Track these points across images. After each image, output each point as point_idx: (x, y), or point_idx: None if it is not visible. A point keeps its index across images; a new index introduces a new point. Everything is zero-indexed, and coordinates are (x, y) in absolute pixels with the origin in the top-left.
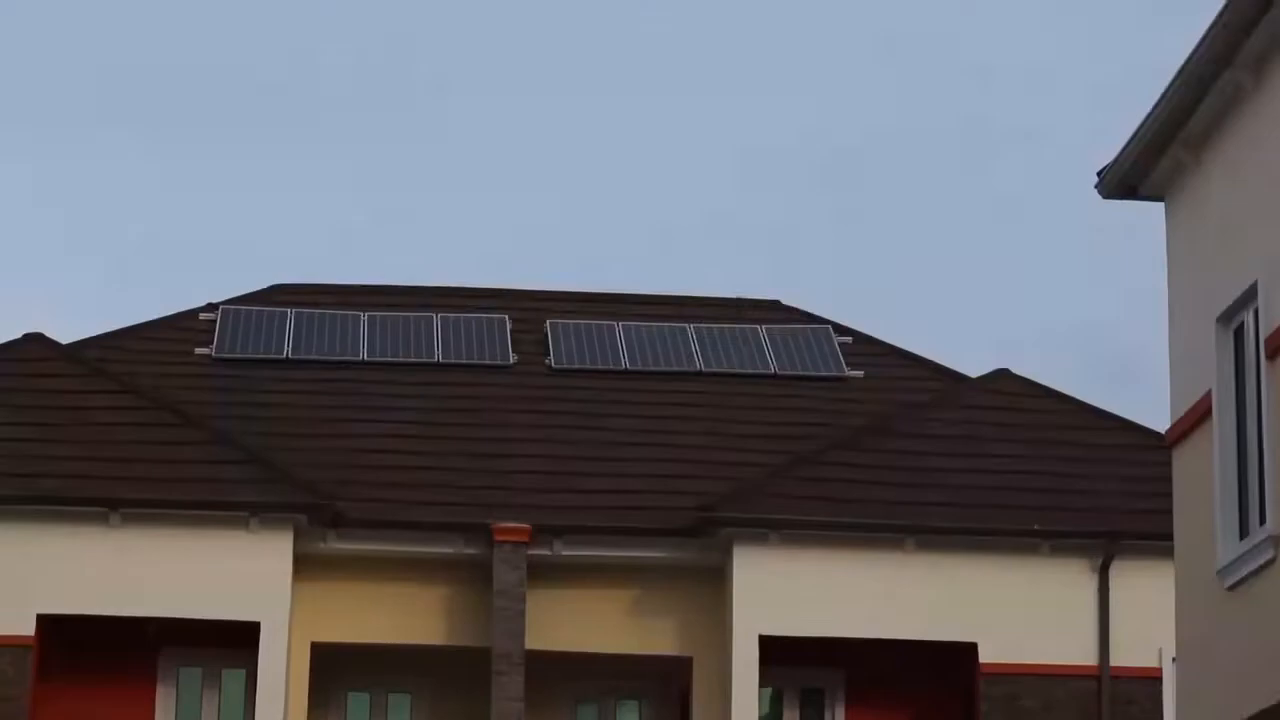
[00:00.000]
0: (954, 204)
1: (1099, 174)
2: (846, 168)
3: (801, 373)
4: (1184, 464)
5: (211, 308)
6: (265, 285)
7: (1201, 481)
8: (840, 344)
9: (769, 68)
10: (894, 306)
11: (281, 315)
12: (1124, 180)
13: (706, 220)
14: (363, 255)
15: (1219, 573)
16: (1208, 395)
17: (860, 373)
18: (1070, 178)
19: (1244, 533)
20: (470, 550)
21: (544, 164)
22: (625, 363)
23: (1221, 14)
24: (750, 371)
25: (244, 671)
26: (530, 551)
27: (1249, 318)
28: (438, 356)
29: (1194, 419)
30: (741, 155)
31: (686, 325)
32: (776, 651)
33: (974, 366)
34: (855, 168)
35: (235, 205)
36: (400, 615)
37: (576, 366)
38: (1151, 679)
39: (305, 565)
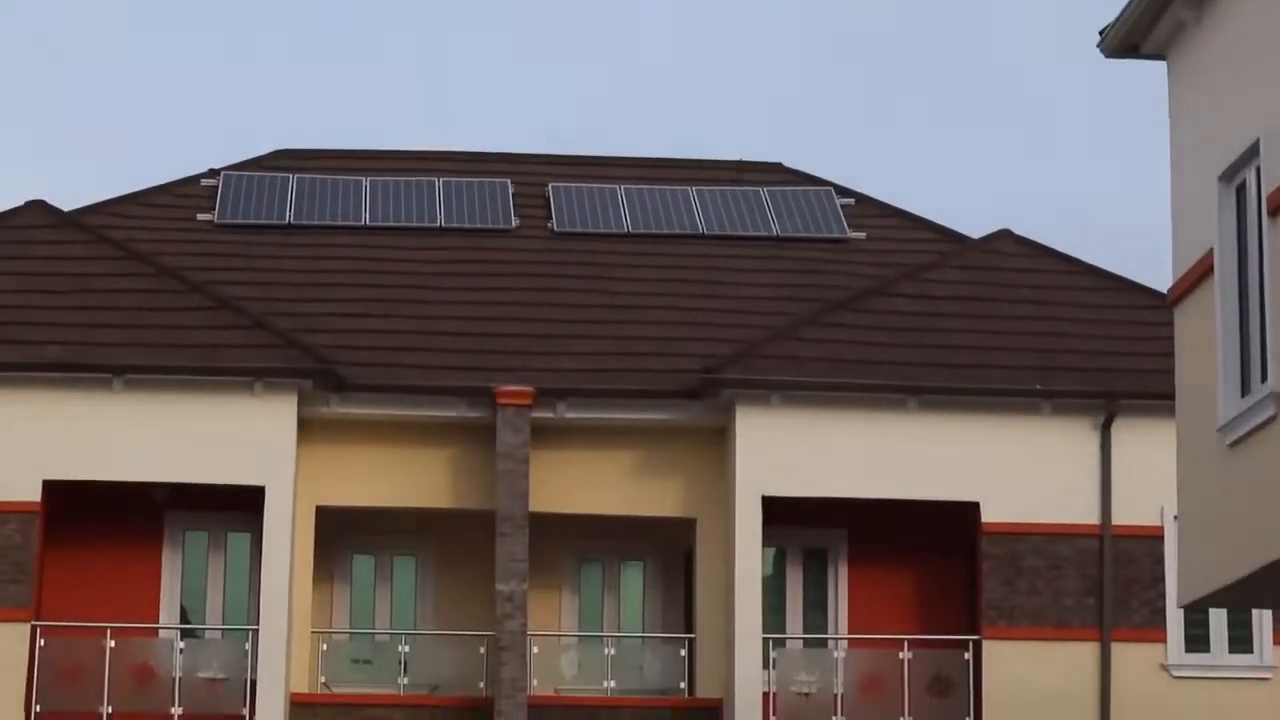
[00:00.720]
0: (956, 64)
1: (1101, 33)
2: (848, 30)
3: (803, 234)
4: (1185, 322)
5: (213, 173)
6: (267, 151)
7: (1203, 340)
8: (842, 205)
9: None
10: (896, 168)
11: (284, 180)
12: (1126, 39)
13: (707, 85)
14: (365, 121)
15: (1220, 430)
16: (1209, 254)
17: (862, 234)
18: (1072, 37)
19: (1245, 390)
20: (473, 413)
21: (546, 28)
22: (627, 226)
23: None
24: (752, 234)
25: (249, 535)
26: (533, 414)
27: (1250, 175)
28: (440, 221)
29: (1195, 277)
30: (742, 19)
31: (688, 188)
32: (779, 512)
33: (976, 228)
34: (857, 30)
35: (237, 71)
36: (404, 479)
37: (578, 230)
38: (1153, 537)
39: (309, 429)
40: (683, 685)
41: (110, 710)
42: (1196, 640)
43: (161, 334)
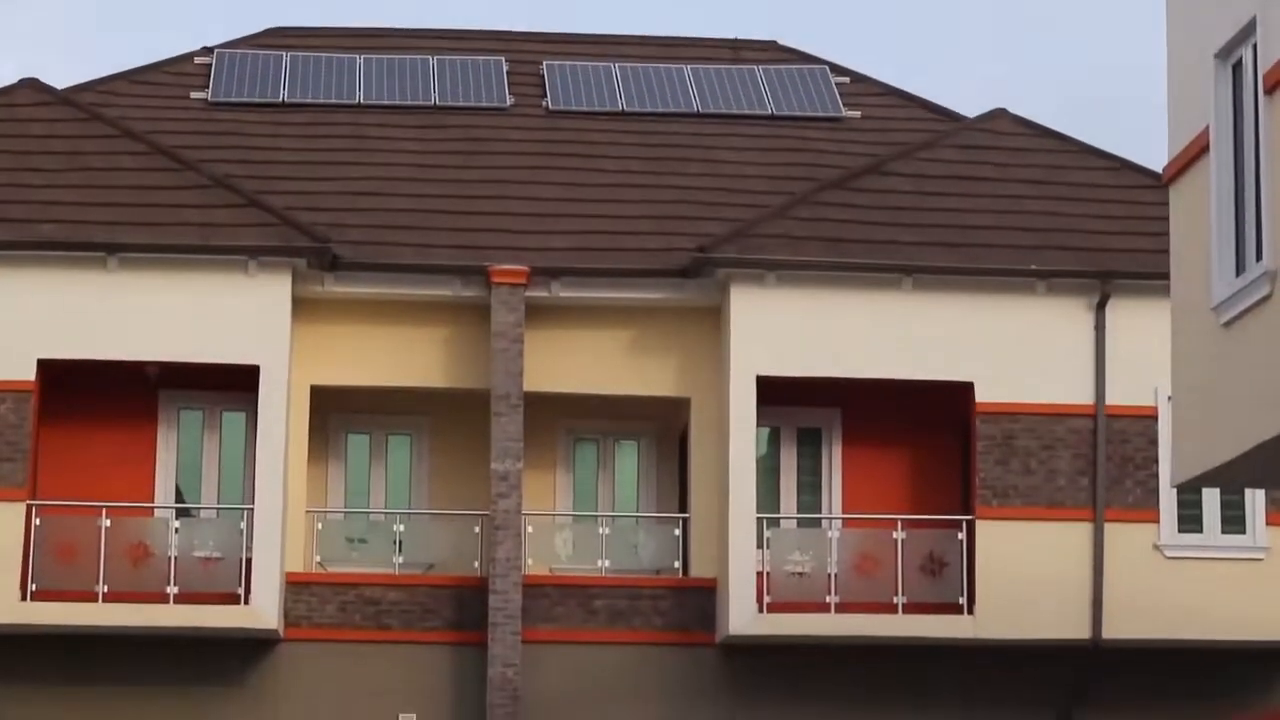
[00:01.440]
0: None
1: None
2: None
3: (799, 113)
4: (1180, 201)
5: (207, 51)
6: (261, 29)
7: (1198, 219)
8: (837, 84)
9: None
10: (893, 46)
11: (277, 58)
12: None
13: None
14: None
15: (1214, 310)
16: (1205, 132)
17: (857, 113)
18: None
19: (1240, 269)
20: (468, 292)
21: None
22: (622, 104)
23: None
24: (747, 112)
25: (244, 414)
26: (528, 293)
27: (1247, 53)
28: (434, 99)
29: (1191, 156)
30: None
31: (683, 66)
32: (774, 391)
33: (971, 107)
34: None
35: None
36: (399, 358)
37: (573, 108)
38: (1147, 418)
39: (304, 308)
40: (677, 565)
41: (105, 589)
42: (1189, 521)
43: (155, 212)
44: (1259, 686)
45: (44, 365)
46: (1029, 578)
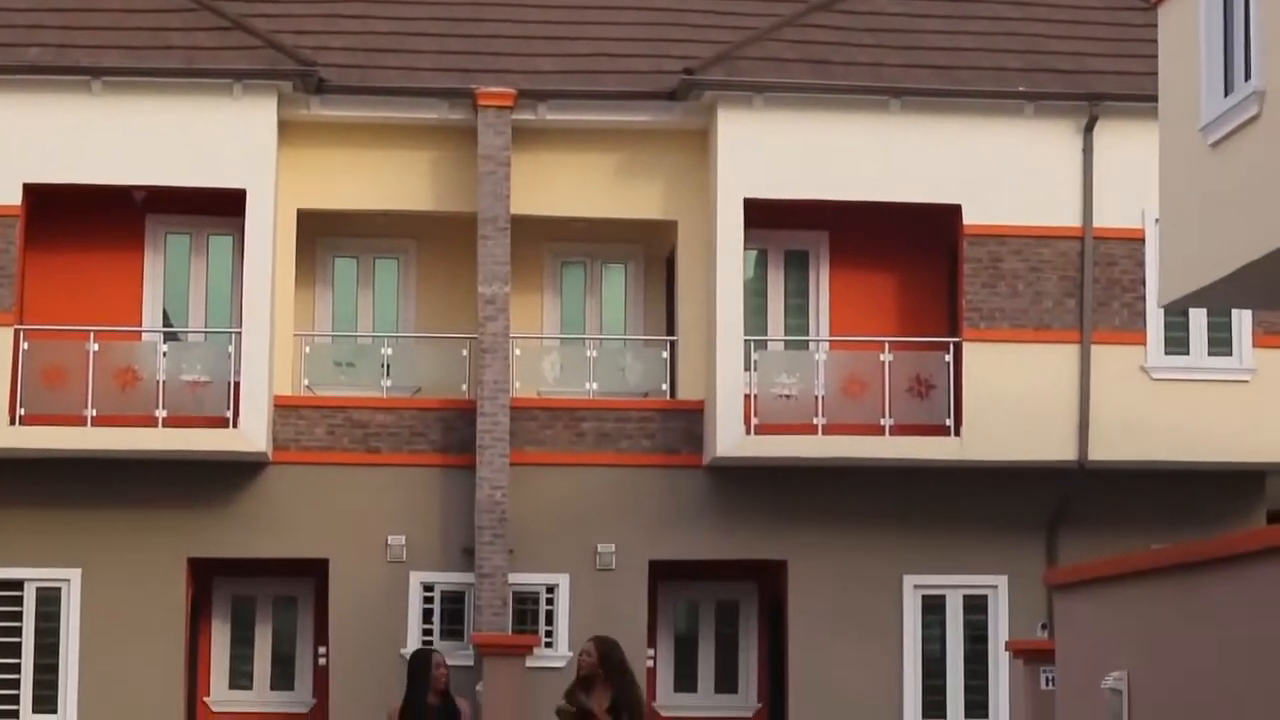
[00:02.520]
0: None
1: None
2: None
3: None
4: (1169, 22)
5: None
6: None
7: (1186, 39)
8: None
9: None
10: None
11: None
12: None
13: None
14: None
15: (1202, 130)
16: None
17: None
18: None
19: (1228, 89)
20: (455, 115)
21: None
22: None
23: None
24: None
25: (230, 238)
26: (514, 116)
27: None
28: None
29: None
30: None
31: None
32: (761, 214)
33: None
34: None
35: None
36: (386, 181)
37: None
38: (1134, 240)
39: (290, 132)
40: (664, 387)
41: (94, 413)
42: (1176, 343)
43: (140, 36)
44: (1243, 507)
45: (30, 189)
46: (1016, 400)
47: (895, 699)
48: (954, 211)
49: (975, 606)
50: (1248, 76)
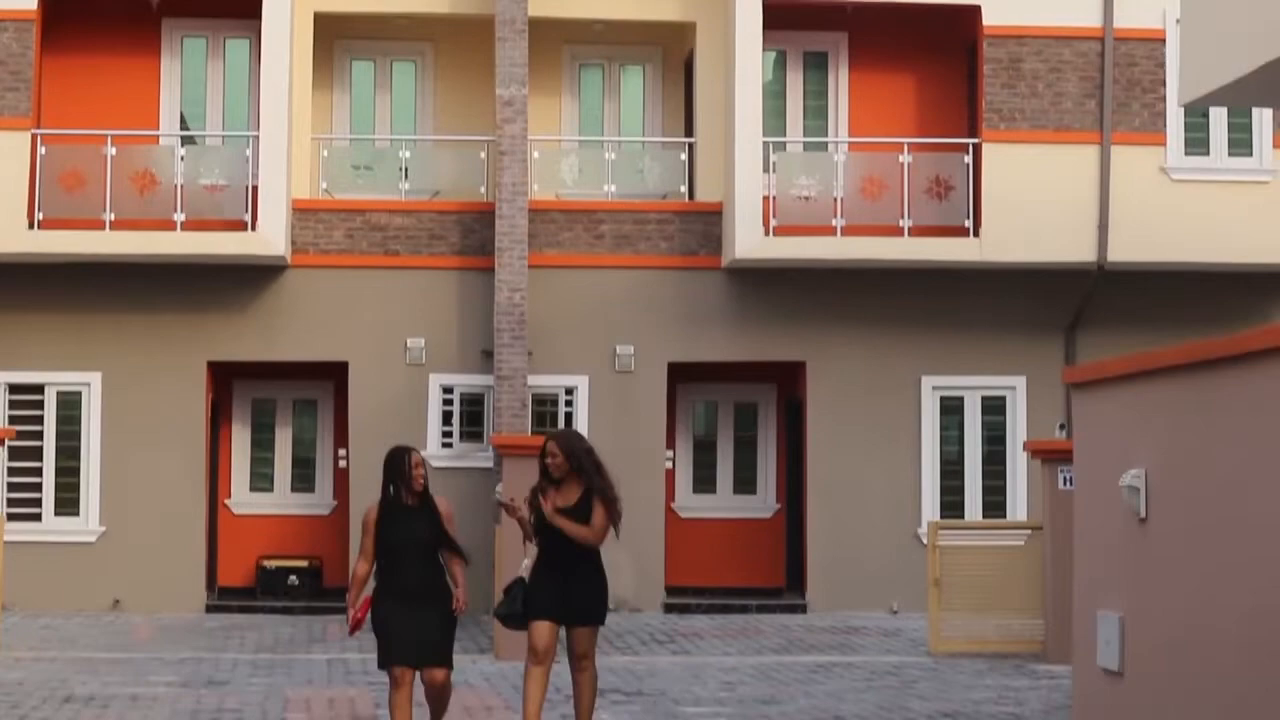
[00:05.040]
0: None
1: None
2: None
3: None
4: None
5: None
6: None
7: None
8: None
9: None
10: None
11: None
12: None
13: None
14: None
15: None
16: None
17: None
18: None
19: None
20: None
21: None
22: None
23: None
24: None
25: (247, 41)
26: None
27: None
28: None
29: None
30: None
31: None
32: (780, 15)
33: None
34: None
35: None
36: None
37: None
38: (1155, 40)
39: None
40: (683, 189)
41: (113, 217)
42: (1196, 144)
43: None
44: (1261, 307)
45: None
46: (1035, 201)
47: (913, 500)
48: (974, 12)
49: (993, 407)
50: None
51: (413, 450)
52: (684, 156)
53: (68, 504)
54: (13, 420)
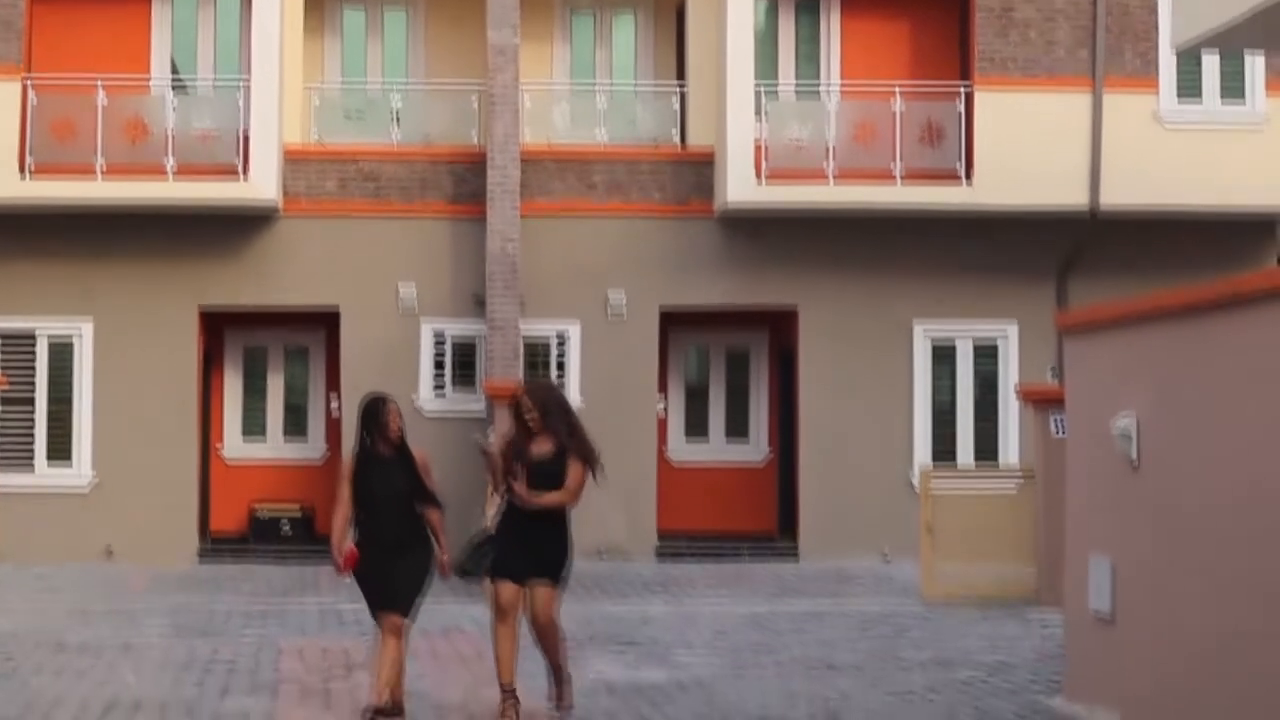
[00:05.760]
0: None
1: None
2: None
3: None
4: None
5: None
6: None
7: None
8: None
9: None
10: None
11: None
12: None
13: None
14: None
15: None
16: None
17: None
18: None
19: None
20: None
21: None
22: None
23: None
24: None
25: None
26: None
27: None
28: None
29: None
30: None
31: None
32: None
33: None
34: None
35: None
36: None
37: None
38: None
39: None
40: (675, 136)
41: (104, 164)
42: (1189, 90)
43: None
44: (1254, 253)
45: None
46: (1027, 147)
47: (906, 446)
48: None
49: (986, 353)
50: None
51: (389, 400)
52: (676, 103)
53: (60, 451)
54: (4, 368)
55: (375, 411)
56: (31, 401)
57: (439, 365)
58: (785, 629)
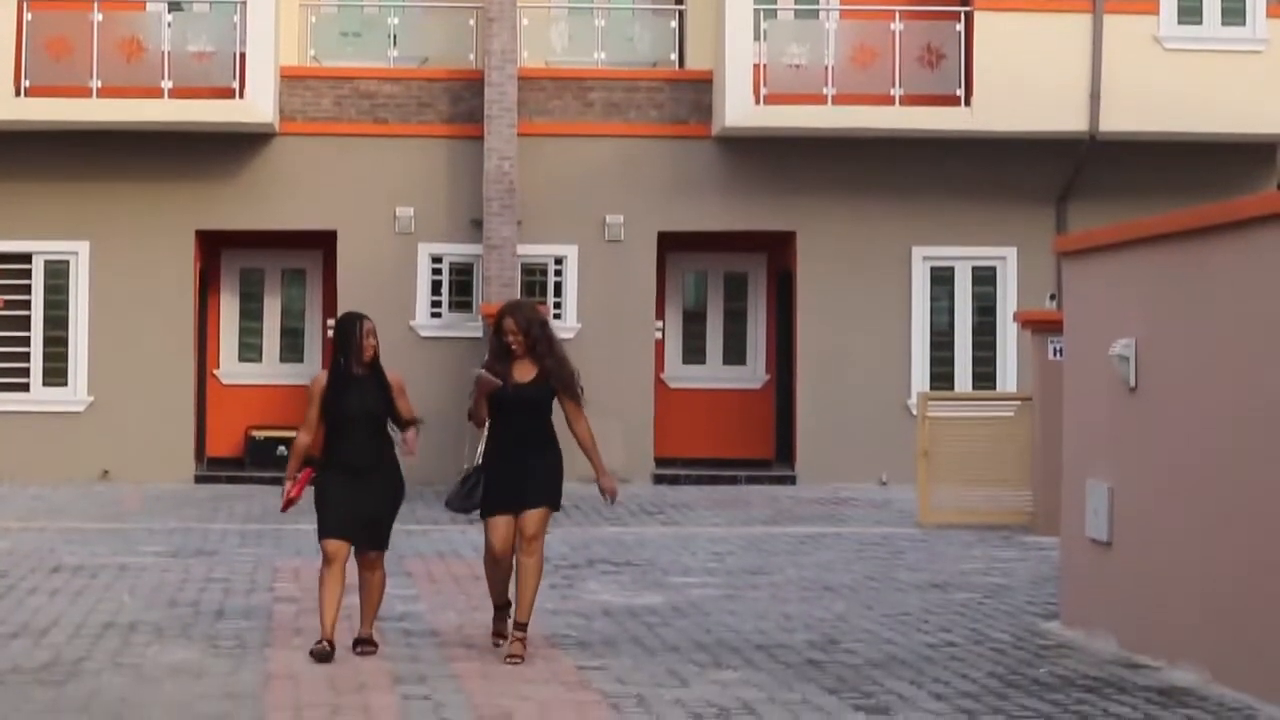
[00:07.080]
0: None
1: None
2: None
3: None
4: None
5: None
6: None
7: None
8: None
9: None
10: None
11: None
12: None
13: None
14: None
15: None
16: None
17: None
18: None
19: None
20: None
21: None
22: None
23: None
24: None
25: None
26: None
27: None
28: None
29: None
30: None
31: None
32: None
33: None
34: None
35: None
36: None
37: None
38: None
39: None
40: (673, 57)
41: (100, 84)
42: (1189, 13)
43: None
44: (1254, 177)
45: None
46: (1027, 70)
47: (903, 371)
48: None
49: (984, 278)
50: None
51: (364, 318)
52: (674, 24)
53: (56, 374)
54: (0, 290)
55: (350, 330)
56: (27, 323)
57: (436, 288)
58: (781, 552)
